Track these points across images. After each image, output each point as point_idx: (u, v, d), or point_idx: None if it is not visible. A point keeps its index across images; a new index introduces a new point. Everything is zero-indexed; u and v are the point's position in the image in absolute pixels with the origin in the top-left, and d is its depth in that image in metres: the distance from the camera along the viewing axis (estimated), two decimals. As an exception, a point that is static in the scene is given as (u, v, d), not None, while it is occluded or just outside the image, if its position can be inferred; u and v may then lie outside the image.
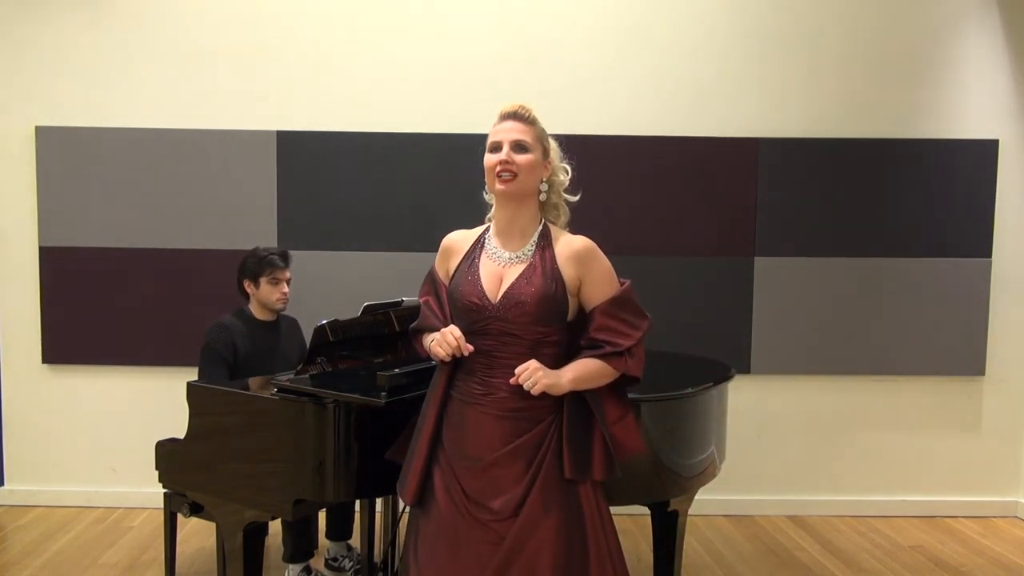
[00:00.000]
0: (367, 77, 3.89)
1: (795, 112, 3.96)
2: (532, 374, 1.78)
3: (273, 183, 3.89)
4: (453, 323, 1.92)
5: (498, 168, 1.86)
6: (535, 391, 1.78)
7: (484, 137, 1.94)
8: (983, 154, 3.97)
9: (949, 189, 3.97)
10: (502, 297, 1.85)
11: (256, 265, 3.09)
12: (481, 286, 1.87)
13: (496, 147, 1.88)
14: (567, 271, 1.88)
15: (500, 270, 1.89)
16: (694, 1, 3.92)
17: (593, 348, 1.87)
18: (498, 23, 3.90)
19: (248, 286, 3.12)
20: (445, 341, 1.83)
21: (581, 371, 1.84)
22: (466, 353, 1.83)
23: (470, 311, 1.87)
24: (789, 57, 3.95)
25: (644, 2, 3.92)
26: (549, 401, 1.86)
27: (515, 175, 1.86)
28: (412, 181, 3.88)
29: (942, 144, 3.96)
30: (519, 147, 1.87)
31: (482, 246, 1.95)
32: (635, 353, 1.89)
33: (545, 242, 1.91)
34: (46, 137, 3.86)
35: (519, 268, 1.88)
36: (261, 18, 3.87)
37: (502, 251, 1.91)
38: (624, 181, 3.92)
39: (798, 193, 3.96)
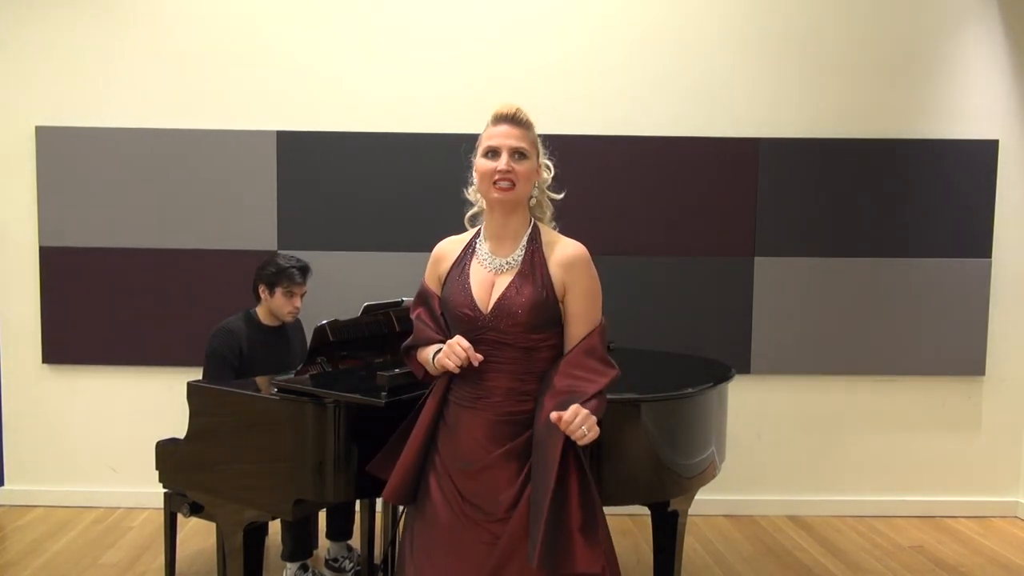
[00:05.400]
0: (367, 77, 3.89)
1: (795, 112, 3.96)
2: (584, 423, 1.66)
3: (273, 183, 3.89)
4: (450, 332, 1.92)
5: (497, 177, 1.81)
6: (586, 441, 1.68)
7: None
8: (983, 154, 3.97)
9: (949, 189, 3.97)
10: (493, 307, 1.82)
11: (275, 275, 3.07)
12: (472, 296, 1.85)
13: (494, 152, 1.83)
14: (556, 276, 1.84)
15: (491, 277, 1.87)
16: (694, 3, 3.92)
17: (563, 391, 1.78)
18: (498, 24, 3.90)
19: (262, 291, 3.11)
20: (453, 352, 1.79)
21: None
22: (476, 363, 1.79)
23: (463, 321, 1.85)
24: (789, 57, 3.95)
25: (644, 4, 3.92)
26: (520, 393, 1.86)
27: (514, 184, 1.82)
28: (412, 181, 3.88)
29: (942, 144, 3.96)
30: (519, 155, 1.83)
31: (473, 251, 1.92)
32: (600, 399, 1.79)
33: (535, 244, 1.88)
34: (46, 137, 3.86)
35: (509, 275, 1.85)
36: (262, 19, 3.87)
37: (493, 256, 1.88)
38: (624, 181, 3.92)
39: (798, 193, 3.96)
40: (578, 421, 1.67)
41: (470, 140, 1.95)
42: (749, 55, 3.94)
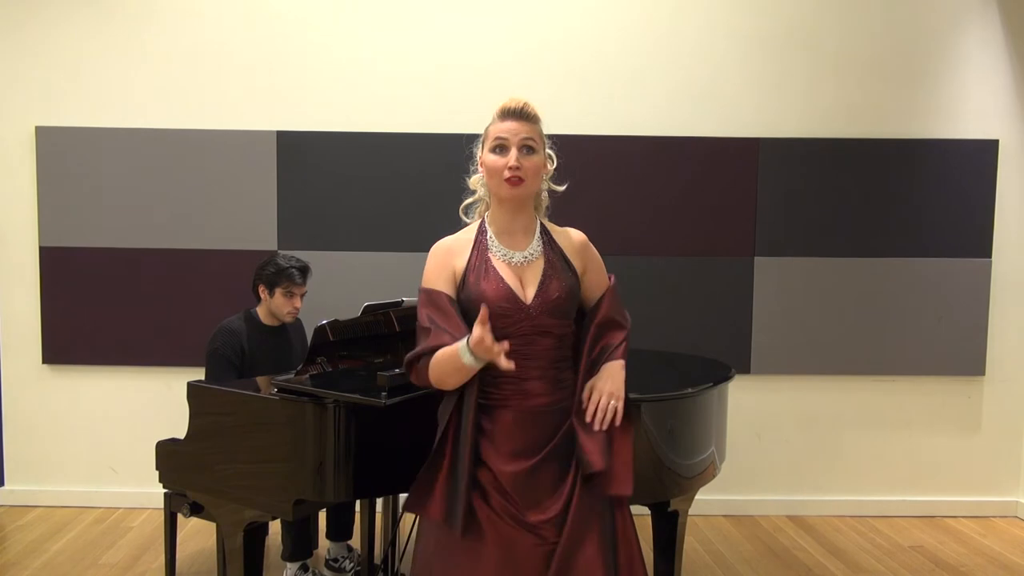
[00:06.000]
0: (367, 77, 3.89)
1: (795, 112, 3.96)
2: (608, 401, 1.82)
3: (273, 183, 3.89)
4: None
5: (508, 174, 1.80)
6: (618, 419, 1.82)
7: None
8: (983, 154, 3.97)
9: (949, 189, 3.97)
10: (536, 297, 1.82)
11: (274, 275, 3.07)
12: (510, 288, 1.81)
13: (502, 147, 1.82)
14: (576, 261, 1.91)
15: (516, 271, 1.85)
16: (694, 2, 3.92)
17: (598, 347, 1.92)
18: (499, 23, 3.90)
19: (262, 291, 3.11)
20: (487, 349, 1.66)
21: (622, 375, 1.88)
22: (507, 348, 1.71)
23: (502, 315, 1.79)
24: (789, 57, 3.95)
25: (644, 3, 3.92)
26: (572, 388, 1.88)
27: (523, 180, 1.81)
28: (412, 181, 3.88)
29: (942, 144, 3.96)
30: (528, 149, 1.82)
31: (486, 247, 1.88)
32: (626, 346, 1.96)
33: (547, 237, 1.92)
34: (46, 137, 3.86)
35: (537, 267, 1.86)
36: (261, 18, 3.87)
37: (511, 251, 1.87)
38: (624, 181, 3.92)
39: (798, 193, 3.96)
40: (611, 408, 1.81)
41: (470, 141, 1.95)
42: (749, 55, 3.94)
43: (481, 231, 1.91)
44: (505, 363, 1.67)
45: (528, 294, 1.83)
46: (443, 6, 3.89)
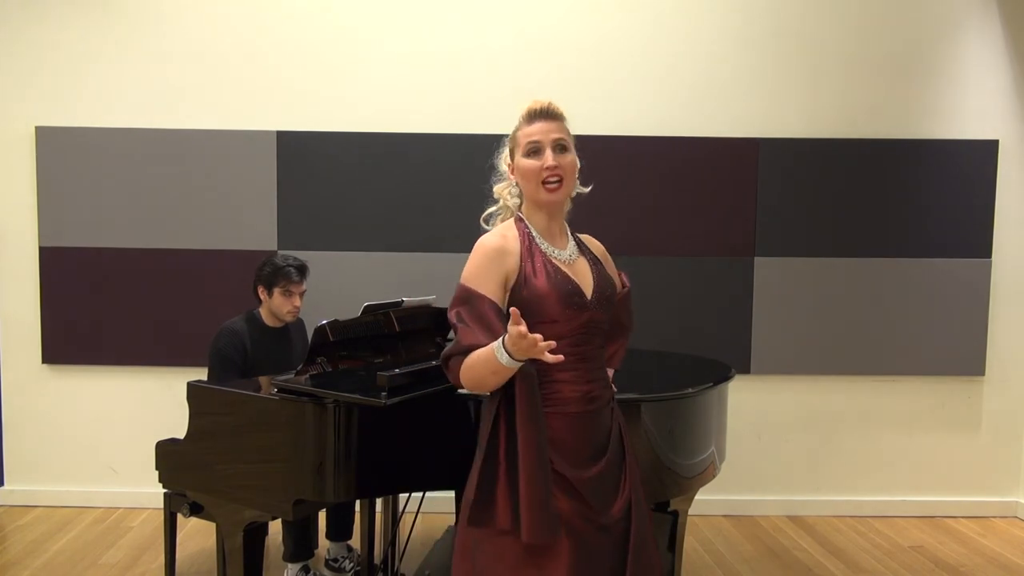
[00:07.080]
0: (367, 77, 3.90)
1: (795, 112, 3.96)
2: None
3: (273, 183, 3.89)
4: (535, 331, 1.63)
5: (546, 175, 1.75)
6: None
7: (485, 138, 1.91)
8: (983, 154, 3.97)
9: (949, 189, 3.97)
10: (594, 292, 1.81)
11: (271, 275, 3.07)
12: (578, 285, 1.78)
13: (536, 150, 1.77)
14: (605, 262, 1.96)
15: (568, 269, 1.81)
16: (694, 2, 3.92)
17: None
18: (499, 24, 3.90)
19: (261, 292, 3.11)
20: (532, 345, 1.53)
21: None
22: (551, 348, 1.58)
23: (574, 308, 1.74)
24: (789, 57, 3.95)
25: (644, 4, 3.92)
26: (607, 378, 1.91)
27: (561, 180, 1.78)
28: (412, 181, 3.88)
29: (942, 144, 3.97)
30: (561, 147, 1.78)
31: (537, 248, 1.80)
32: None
33: (577, 239, 1.92)
34: (46, 137, 3.86)
35: (582, 264, 1.85)
36: (262, 19, 3.87)
37: (557, 250, 1.83)
38: (624, 181, 3.92)
39: (798, 193, 3.96)
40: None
41: (470, 140, 1.95)
42: (749, 55, 3.94)
43: (523, 230, 1.82)
44: (552, 357, 1.55)
45: (587, 290, 1.81)
46: (443, 7, 3.89)
